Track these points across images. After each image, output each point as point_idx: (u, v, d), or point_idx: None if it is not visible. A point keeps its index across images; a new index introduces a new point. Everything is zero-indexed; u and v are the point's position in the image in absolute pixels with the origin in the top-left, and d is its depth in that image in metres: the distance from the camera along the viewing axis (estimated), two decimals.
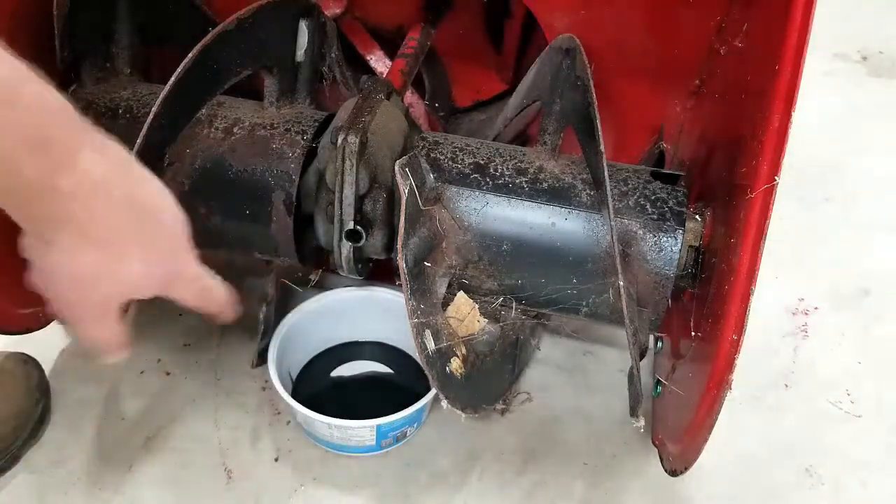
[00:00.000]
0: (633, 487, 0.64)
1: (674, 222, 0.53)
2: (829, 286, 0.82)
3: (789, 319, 0.79)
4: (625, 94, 0.64)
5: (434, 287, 0.54)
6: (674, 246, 0.52)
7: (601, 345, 0.75)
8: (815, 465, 0.66)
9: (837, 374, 0.73)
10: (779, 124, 0.44)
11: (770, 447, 0.67)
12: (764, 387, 0.72)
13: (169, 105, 0.50)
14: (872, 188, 0.94)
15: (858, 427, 0.69)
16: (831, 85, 1.09)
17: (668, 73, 0.62)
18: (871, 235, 0.88)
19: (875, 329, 0.78)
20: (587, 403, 0.70)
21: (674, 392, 0.56)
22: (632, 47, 0.62)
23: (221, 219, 0.57)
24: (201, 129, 0.57)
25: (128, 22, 0.62)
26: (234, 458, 0.64)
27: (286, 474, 0.64)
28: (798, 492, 0.65)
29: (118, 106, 0.59)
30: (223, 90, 0.55)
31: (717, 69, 0.57)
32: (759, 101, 0.45)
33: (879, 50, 1.15)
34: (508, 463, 0.65)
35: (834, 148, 0.98)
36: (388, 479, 0.64)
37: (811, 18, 0.43)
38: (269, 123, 0.58)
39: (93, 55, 0.61)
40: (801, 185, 0.92)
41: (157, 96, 0.50)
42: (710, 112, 0.58)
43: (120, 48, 0.62)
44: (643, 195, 0.54)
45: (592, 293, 0.54)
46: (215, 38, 0.52)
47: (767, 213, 0.43)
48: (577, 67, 0.53)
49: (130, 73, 0.62)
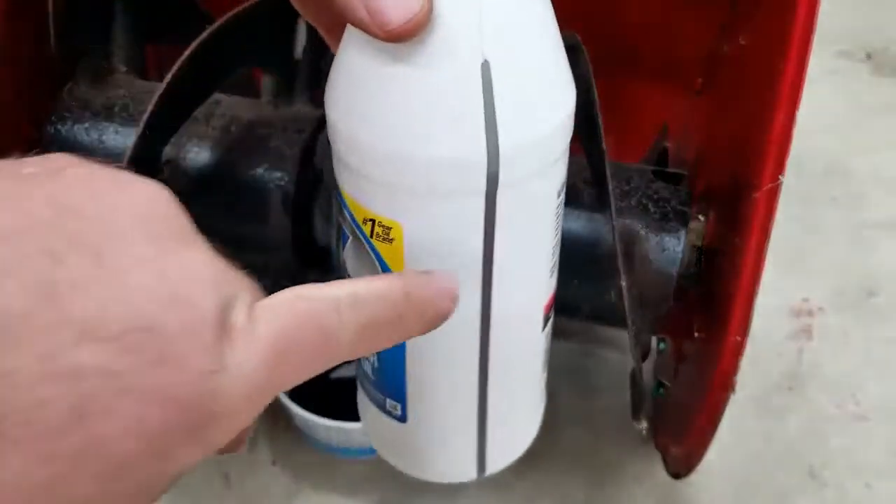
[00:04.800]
0: (636, 491, 0.63)
1: (677, 222, 0.52)
2: (834, 287, 0.81)
3: (793, 321, 0.78)
4: (627, 92, 0.64)
5: None
6: (676, 246, 0.52)
7: (603, 346, 0.74)
8: (820, 467, 0.66)
9: (842, 376, 0.73)
10: (783, 123, 0.43)
11: (774, 449, 0.67)
12: (768, 389, 0.71)
13: (165, 103, 0.50)
14: (878, 188, 0.93)
15: (864, 429, 0.69)
16: (836, 83, 1.09)
17: (671, 71, 0.62)
18: (876, 236, 0.87)
19: (881, 330, 0.77)
20: (588, 405, 0.69)
21: (676, 394, 0.55)
22: (634, 45, 0.62)
23: (218, 218, 0.56)
24: (198, 127, 0.57)
25: (124, 19, 0.61)
26: (232, 463, 0.64)
27: (285, 478, 0.63)
28: (802, 494, 0.64)
29: (114, 104, 0.59)
30: (220, 88, 0.54)
31: (720, 67, 0.57)
32: (763, 100, 0.44)
33: (885, 48, 1.14)
34: (508, 466, 0.65)
35: (839, 147, 0.98)
36: (388, 483, 0.63)
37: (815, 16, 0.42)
38: (267, 122, 0.57)
39: (89, 53, 0.61)
40: (805, 185, 0.92)
41: (153, 94, 0.49)
42: (714, 110, 0.57)
43: (116, 46, 0.62)
44: (645, 195, 0.53)
45: (594, 294, 0.54)
46: (212, 35, 0.51)
47: (772, 213, 0.43)
48: (580, 66, 0.52)
49: (126, 71, 0.62)
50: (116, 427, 0.17)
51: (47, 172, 0.19)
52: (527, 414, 0.41)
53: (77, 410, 0.17)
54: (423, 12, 0.24)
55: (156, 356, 0.18)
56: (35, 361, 0.16)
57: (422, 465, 0.40)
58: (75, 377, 0.17)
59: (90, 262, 0.18)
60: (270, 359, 0.20)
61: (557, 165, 0.31)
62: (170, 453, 0.18)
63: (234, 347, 0.19)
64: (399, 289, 0.24)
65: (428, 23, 0.24)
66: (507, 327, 0.33)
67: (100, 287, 0.17)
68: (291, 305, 0.21)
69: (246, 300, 0.20)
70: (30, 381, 0.16)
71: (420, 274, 0.25)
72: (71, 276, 0.17)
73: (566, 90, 0.30)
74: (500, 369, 0.35)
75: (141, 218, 0.19)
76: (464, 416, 0.36)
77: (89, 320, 0.17)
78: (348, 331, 0.22)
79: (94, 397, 0.17)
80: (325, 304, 0.22)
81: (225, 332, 0.19)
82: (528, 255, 0.32)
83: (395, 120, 0.26)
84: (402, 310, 0.24)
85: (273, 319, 0.20)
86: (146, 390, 0.17)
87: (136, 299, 0.18)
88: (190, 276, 0.19)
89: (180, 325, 0.18)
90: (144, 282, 0.18)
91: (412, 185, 0.27)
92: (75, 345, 0.17)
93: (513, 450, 0.41)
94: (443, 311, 0.26)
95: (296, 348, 0.21)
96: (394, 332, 0.24)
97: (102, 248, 0.18)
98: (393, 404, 0.37)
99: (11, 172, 0.19)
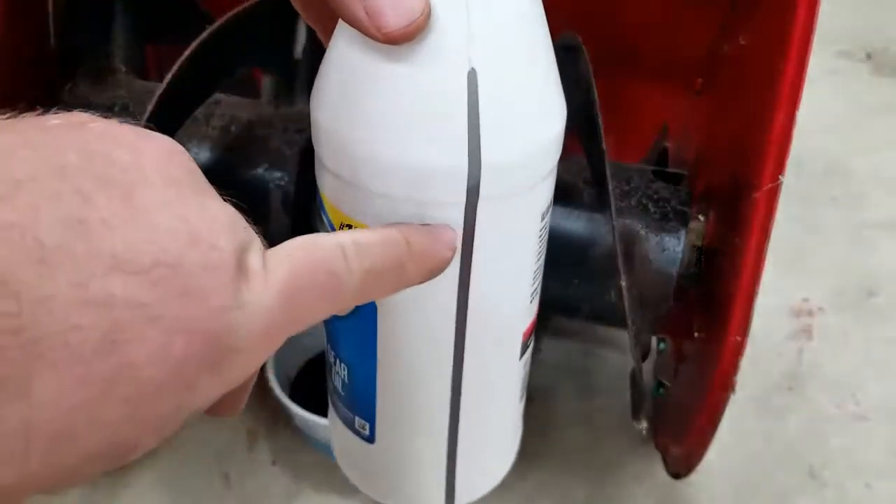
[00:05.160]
0: (636, 491, 0.63)
1: (677, 222, 0.52)
2: (834, 287, 0.81)
3: (793, 321, 0.78)
4: (627, 92, 0.64)
5: None
6: (676, 246, 0.52)
7: (603, 346, 0.74)
8: (820, 467, 0.66)
9: (842, 376, 0.73)
10: (783, 123, 0.43)
11: (774, 449, 0.67)
12: (768, 389, 0.71)
13: (165, 103, 0.50)
14: (878, 188, 0.93)
15: (864, 429, 0.69)
16: (836, 83, 1.09)
17: (671, 71, 0.62)
18: (876, 236, 0.87)
19: (881, 330, 0.77)
20: (588, 405, 0.69)
21: (676, 394, 0.55)
22: (634, 45, 0.62)
23: None
24: (198, 127, 0.57)
25: (124, 19, 0.61)
26: (232, 463, 0.64)
27: (285, 478, 0.63)
28: (802, 494, 0.64)
29: (114, 104, 0.59)
30: (220, 88, 0.54)
31: (720, 67, 0.57)
32: (763, 100, 0.44)
33: (885, 48, 1.14)
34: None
35: (839, 147, 0.97)
36: None
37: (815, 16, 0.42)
38: (267, 122, 0.57)
39: (89, 53, 0.61)
40: (805, 185, 0.92)
41: (153, 94, 0.49)
42: (714, 110, 0.57)
43: (116, 46, 0.62)
44: (645, 195, 0.53)
45: (594, 294, 0.53)
46: (212, 35, 0.51)
47: (772, 213, 0.43)
48: (581, 66, 0.52)
49: (126, 71, 0.62)
50: (145, 354, 0.18)
51: (72, 125, 0.20)
52: (501, 444, 0.38)
53: (109, 336, 0.18)
54: (423, 17, 0.24)
55: (180, 290, 0.19)
56: (69, 289, 0.17)
57: (387, 489, 0.38)
58: (107, 305, 0.18)
59: (118, 202, 0.19)
60: (284, 299, 0.21)
61: (543, 185, 0.29)
62: (193, 383, 0.19)
63: (251, 287, 0.20)
64: (399, 237, 0.25)
65: (426, 27, 0.24)
66: (482, 350, 0.32)
67: (128, 225, 0.18)
68: (302, 250, 0.23)
69: (259, 246, 0.22)
70: (65, 307, 0.17)
71: (418, 225, 0.26)
72: (101, 215, 0.18)
73: (555, 109, 0.29)
74: (473, 394, 0.33)
75: (162, 165, 0.20)
76: (434, 442, 0.35)
77: (119, 254, 0.18)
78: (354, 276, 0.23)
79: (125, 325, 0.18)
80: (333, 250, 0.23)
81: (242, 272, 0.20)
82: (507, 277, 0.31)
83: (375, 122, 0.26)
84: (403, 258, 0.25)
85: (286, 262, 0.22)
86: (172, 321, 0.19)
87: (161, 238, 0.19)
88: (209, 219, 0.20)
89: (202, 264, 0.19)
90: (168, 222, 0.19)
91: (388, 192, 0.26)
92: (106, 275, 0.18)
93: (484, 482, 0.39)
94: (442, 259, 0.27)
95: (307, 290, 0.22)
96: (396, 279, 0.25)
97: (129, 189, 0.19)
98: (362, 423, 0.35)
99: (38, 124, 0.20)
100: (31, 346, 0.17)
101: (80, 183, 0.18)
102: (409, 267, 0.26)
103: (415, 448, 0.35)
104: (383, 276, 0.25)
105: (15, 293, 0.16)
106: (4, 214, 0.17)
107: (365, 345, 0.32)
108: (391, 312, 0.30)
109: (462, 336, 0.31)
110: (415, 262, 0.26)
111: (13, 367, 0.17)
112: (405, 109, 0.25)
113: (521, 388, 0.37)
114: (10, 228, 0.17)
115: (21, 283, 0.17)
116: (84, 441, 0.18)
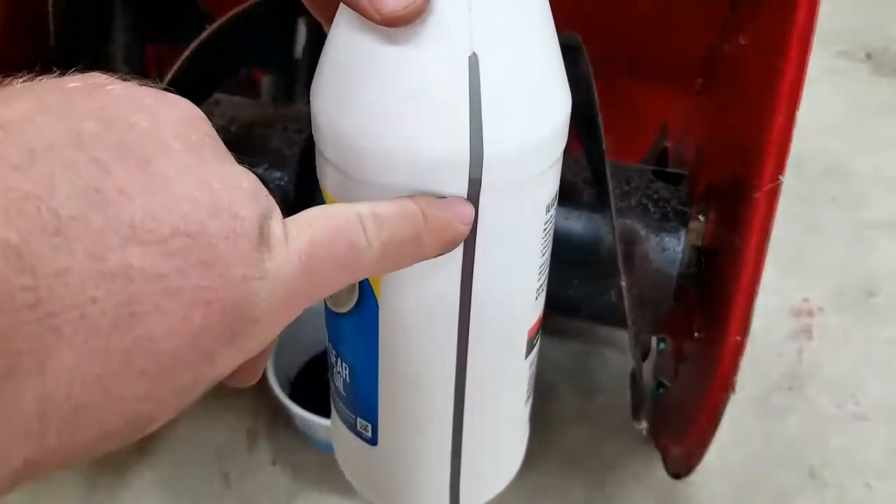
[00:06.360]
0: (636, 491, 0.63)
1: (677, 222, 0.52)
2: (834, 287, 0.81)
3: (793, 321, 0.78)
4: (627, 92, 0.64)
5: None
6: (676, 246, 0.52)
7: (603, 346, 0.74)
8: (820, 467, 0.66)
9: (842, 376, 0.73)
10: (783, 123, 0.43)
11: (774, 449, 0.67)
12: (768, 389, 0.71)
13: None
14: (878, 188, 0.93)
15: (864, 429, 0.69)
16: (836, 83, 1.08)
17: (671, 71, 0.62)
18: (876, 236, 0.87)
19: (881, 330, 0.77)
20: (588, 405, 0.69)
21: (676, 394, 0.55)
22: (634, 45, 0.62)
23: None
24: None
25: (124, 19, 0.61)
26: (232, 463, 0.64)
27: (285, 478, 0.63)
28: (802, 494, 0.64)
29: None
30: (220, 88, 0.54)
31: (720, 67, 0.57)
32: (763, 99, 0.44)
33: (885, 48, 1.14)
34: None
35: (839, 147, 0.97)
36: None
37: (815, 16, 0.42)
38: (267, 122, 0.57)
39: (89, 54, 0.61)
40: (805, 185, 0.92)
41: None
42: (714, 110, 0.57)
43: (116, 46, 0.62)
44: (645, 195, 0.53)
45: (594, 294, 0.53)
46: (212, 35, 0.51)
47: (772, 212, 0.43)
48: (581, 65, 0.52)
49: (126, 71, 0.62)
50: (163, 326, 0.18)
51: (90, 88, 0.20)
52: (507, 446, 0.37)
53: (126, 308, 0.17)
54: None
55: (199, 260, 0.18)
56: (85, 261, 0.17)
57: (390, 494, 0.37)
58: (124, 277, 0.17)
59: (136, 171, 0.18)
60: (305, 268, 0.21)
61: (548, 176, 0.28)
62: (211, 355, 0.19)
63: (273, 256, 0.20)
64: (415, 209, 0.25)
65: (426, 10, 0.23)
66: (486, 348, 0.31)
67: (145, 194, 0.18)
68: (323, 219, 0.22)
69: (279, 214, 0.21)
70: (81, 280, 0.17)
71: (433, 197, 0.26)
72: (118, 184, 0.18)
73: (560, 97, 0.28)
74: (478, 393, 0.32)
75: (182, 131, 0.20)
76: (438, 443, 0.33)
77: (136, 224, 0.18)
78: (373, 246, 0.23)
79: (142, 297, 0.17)
80: (352, 221, 0.23)
81: (263, 240, 0.20)
82: (512, 271, 0.29)
83: (375, 111, 0.25)
84: (420, 229, 0.25)
85: (307, 231, 0.22)
86: (190, 292, 0.18)
87: (180, 206, 0.18)
88: (230, 186, 0.20)
89: (223, 233, 0.19)
90: (188, 190, 0.19)
91: (388, 182, 0.26)
92: (123, 247, 0.17)
93: (490, 485, 0.37)
94: (458, 232, 0.26)
95: (328, 259, 0.22)
96: (413, 251, 0.25)
97: (147, 157, 0.18)
98: (364, 424, 0.34)
99: (57, 86, 0.20)
100: (47, 321, 0.16)
101: (98, 152, 0.18)
102: (425, 239, 0.25)
103: (418, 450, 0.34)
104: (400, 247, 0.24)
105: (31, 267, 0.16)
106: (20, 185, 0.16)
107: (367, 343, 0.31)
108: (393, 308, 0.29)
109: (466, 333, 0.30)
110: (431, 235, 0.25)
111: (30, 342, 0.16)
112: (404, 95, 0.25)
113: (528, 388, 0.36)
114: (26, 200, 0.16)
115: (37, 257, 0.16)
116: (102, 415, 0.18)
